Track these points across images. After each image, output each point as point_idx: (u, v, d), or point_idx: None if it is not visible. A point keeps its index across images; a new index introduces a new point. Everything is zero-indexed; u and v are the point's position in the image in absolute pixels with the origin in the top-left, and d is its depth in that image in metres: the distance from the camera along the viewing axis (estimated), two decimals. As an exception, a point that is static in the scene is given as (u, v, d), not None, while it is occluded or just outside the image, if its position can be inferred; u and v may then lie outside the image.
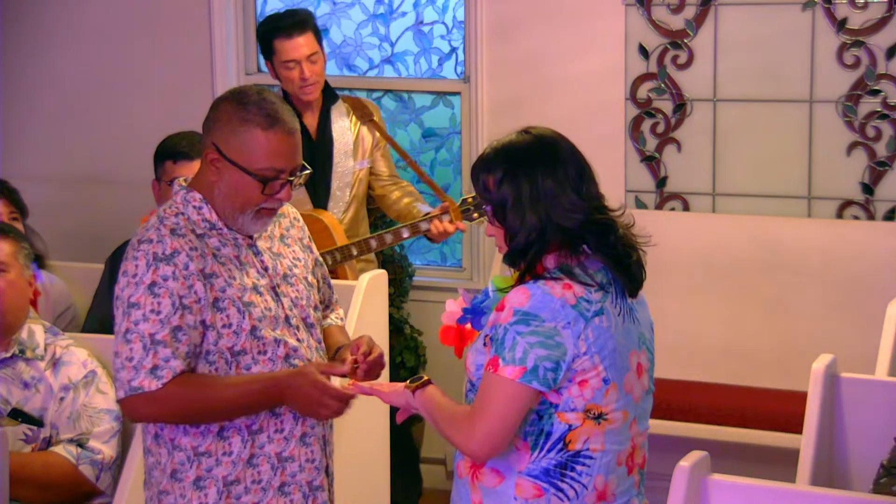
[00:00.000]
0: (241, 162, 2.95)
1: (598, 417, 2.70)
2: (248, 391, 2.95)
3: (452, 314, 2.93)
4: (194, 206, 3.02)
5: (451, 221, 4.55)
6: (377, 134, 4.88)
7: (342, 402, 2.97)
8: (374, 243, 4.70)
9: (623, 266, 2.74)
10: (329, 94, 4.87)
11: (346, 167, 4.84)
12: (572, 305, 2.66)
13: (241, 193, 2.97)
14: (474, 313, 2.88)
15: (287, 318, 3.05)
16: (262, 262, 3.06)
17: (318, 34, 4.82)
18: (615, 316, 2.71)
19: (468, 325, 2.90)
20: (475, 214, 4.51)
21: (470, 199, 4.51)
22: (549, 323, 2.64)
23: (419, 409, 2.83)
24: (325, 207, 4.83)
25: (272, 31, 4.77)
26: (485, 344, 2.73)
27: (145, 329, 2.90)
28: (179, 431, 3.01)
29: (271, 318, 3.01)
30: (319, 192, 4.83)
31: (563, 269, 2.71)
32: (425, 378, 2.84)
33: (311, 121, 4.86)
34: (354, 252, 4.70)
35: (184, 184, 3.06)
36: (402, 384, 2.87)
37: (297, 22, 4.77)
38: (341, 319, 3.32)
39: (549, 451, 2.70)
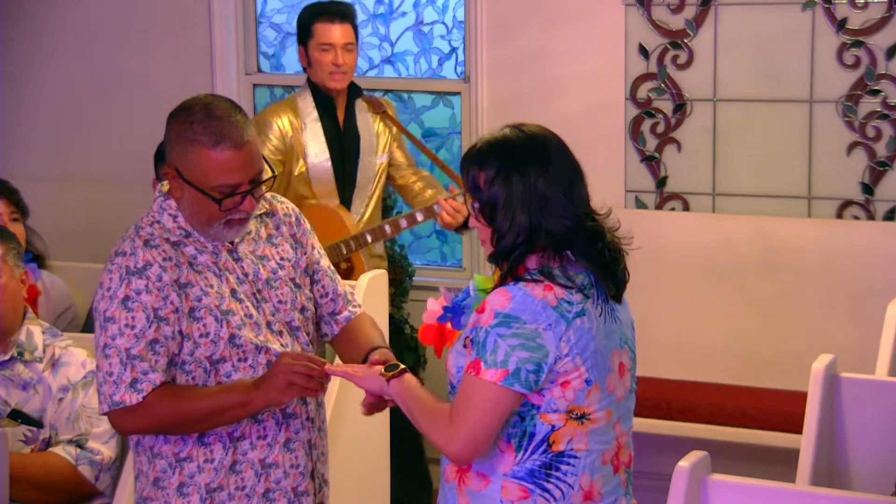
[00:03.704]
0: (195, 181, 2.93)
1: (581, 417, 2.68)
2: (226, 398, 2.93)
3: (433, 313, 2.92)
4: (170, 214, 3.01)
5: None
6: (393, 128, 4.95)
7: (312, 362, 2.91)
8: (388, 229, 4.77)
9: (610, 272, 2.72)
10: (354, 91, 4.93)
11: (371, 161, 4.91)
12: (553, 307, 2.64)
13: (203, 210, 2.96)
14: (454, 312, 2.87)
15: (269, 324, 3.03)
16: (242, 268, 3.04)
17: (357, 31, 4.92)
18: (596, 317, 2.69)
19: (448, 324, 2.89)
20: None
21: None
22: (530, 325, 2.63)
23: (393, 398, 2.82)
24: (350, 200, 4.89)
25: (314, 16, 4.86)
26: (465, 346, 2.72)
27: (121, 344, 2.90)
28: (160, 439, 3.01)
29: (252, 325, 3.00)
30: (346, 186, 4.89)
31: (544, 270, 2.69)
32: (402, 367, 2.83)
33: (339, 115, 4.93)
34: (369, 239, 4.77)
35: (164, 190, 3.05)
36: (378, 369, 2.85)
37: (341, 11, 4.88)
38: (359, 307, 3.25)
39: (532, 452, 2.68)
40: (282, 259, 3.11)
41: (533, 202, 2.67)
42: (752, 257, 5.08)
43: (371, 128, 4.93)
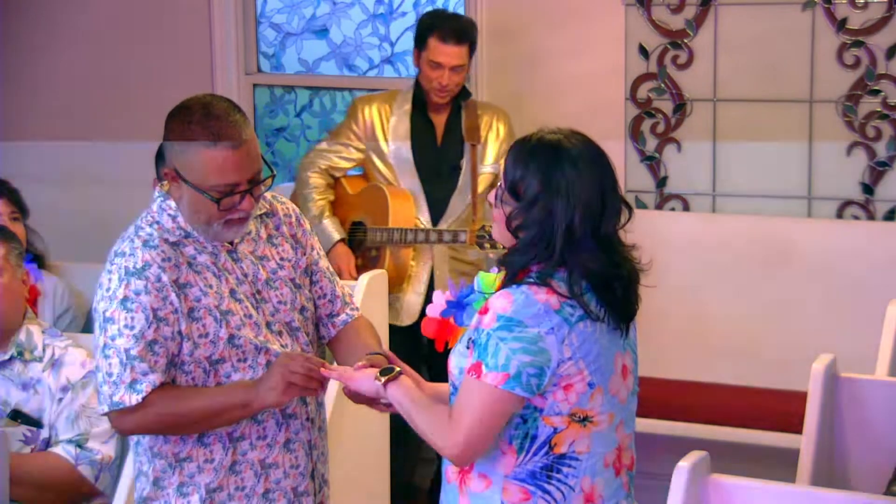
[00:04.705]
0: (193, 181, 2.93)
1: (584, 420, 2.67)
2: (225, 399, 2.93)
3: (437, 306, 2.91)
4: (169, 215, 3.00)
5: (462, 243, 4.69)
6: (503, 142, 4.91)
7: (311, 363, 2.91)
8: (409, 236, 4.78)
9: (620, 313, 2.70)
10: (462, 92, 4.92)
11: (472, 165, 4.90)
12: (556, 310, 2.63)
13: (202, 210, 2.95)
14: (458, 307, 2.86)
15: (269, 325, 3.03)
16: (241, 268, 3.03)
17: (474, 47, 4.88)
18: (599, 320, 2.68)
19: (451, 319, 2.88)
20: (487, 244, 4.52)
21: (489, 228, 4.51)
22: (532, 329, 2.61)
23: (390, 401, 2.81)
24: (440, 217, 4.87)
25: (432, 28, 4.82)
26: (467, 347, 2.70)
27: (121, 344, 2.90)
28: (159, 439, 3.00)
29: (252, 325, 2.99)
30: (432, 180, 4.88)
31: (545, 275, 2.66)
32: (397, 369, 2.82)
33: (439, 118, 4.93)
34: (396, 237, 4.77)
35: (163, 190, 3.05)
36: (373, 371, 2.85)
37: (460, 30, 4.82)
38: (357, 310, 3.24)
39: (534, 454, 2.68)
40: (282, 259, 3.11)
41: (566, 234, 2.64)
42: (752, 257, 5.08)
43: (479, 134, 4.90)
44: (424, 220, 4.87)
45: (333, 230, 4.88)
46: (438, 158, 4.92)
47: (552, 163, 2.67)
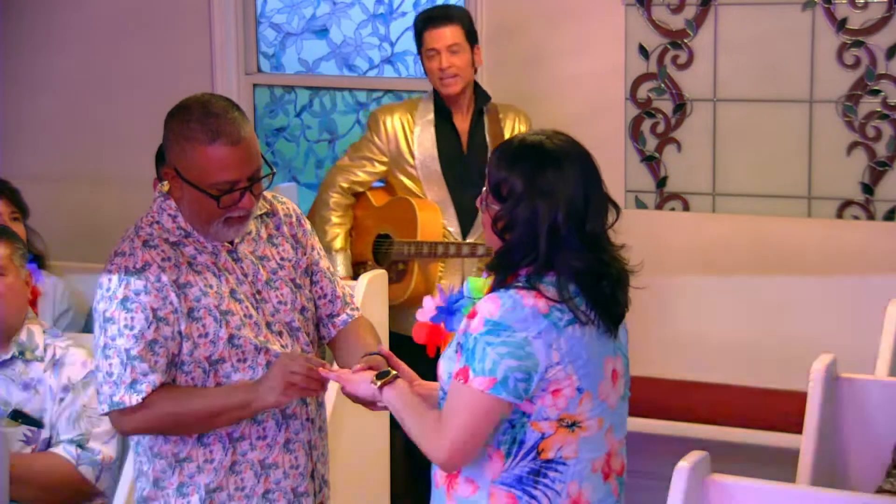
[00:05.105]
0: (193, 179, 2.93)
1: (572, 425, 2.66)
2: (225, 399, 2.93)
3: (427, 311, 2.90)
4: (169, 215, 3.01)
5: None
6: None
7: (311, 363, 2.92)
8: (440, 249, 4.71)
9: (608, 309, 2.69)
10: (480, 97, 4.86)
11: None
12: (544, 315, 2.62)
13: (202, 209, 2.96)
14: (448, 312, 2.86)
15: (269, 325, 3.03)
16: (241, 268, 3.04)
17: (470, 31, 4.81)
18: (589, 323, 2.67)
19: (441, 324, 2.88)
20: None
21: None
22: (519, 333, 2.60)
23: (386, 404, 2.81)
24: (469, 227, 4.81)
25: (423, 22, 4.81)
26: (456, 352, 2.70)
27: (121, 344, 2.90)
28: (160, 439, 3.01)
29: (252, 325, 2.99)
30: (461, 191, 4.78)
31: (534, 280, 2.65)
32: (393, 373, 2.82)
33: (463, 124, 4.86)
34: (426, 250, 4.71)
35: (163, 190, 3.06)
36: (370, 375, 2.85)
37: (444, 14, 4.81)
38: (357, 310, 3.25)
39: (522, 459, 2.67)
40: (282, 259, 3.11)
41: (550, 233, 2.64)
42: (752, 257, 5.08)
43: (503, 138, 4.79)
44: (454, 230, 4.80)
45: (341, 266, 4.81)
46: (465, 166, 4.83)
47: (534, 163, 2.69)
